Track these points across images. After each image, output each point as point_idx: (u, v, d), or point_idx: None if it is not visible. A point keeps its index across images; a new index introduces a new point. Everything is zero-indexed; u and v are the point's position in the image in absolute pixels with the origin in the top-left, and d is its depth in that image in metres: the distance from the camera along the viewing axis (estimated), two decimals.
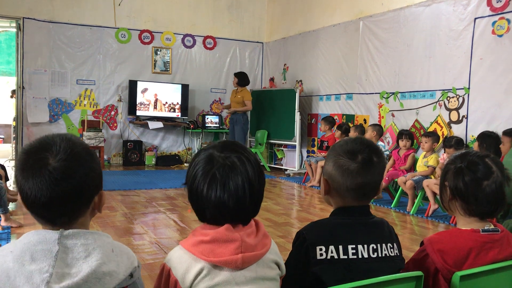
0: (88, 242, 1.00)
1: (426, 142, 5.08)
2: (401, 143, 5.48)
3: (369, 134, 5.98)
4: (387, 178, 5.35)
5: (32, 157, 1.01)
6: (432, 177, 4.98)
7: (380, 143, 5.93)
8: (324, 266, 1.27)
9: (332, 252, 1.28)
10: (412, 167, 5.40)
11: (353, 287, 1.20)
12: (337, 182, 1.38)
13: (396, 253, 1.38)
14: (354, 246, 1.31)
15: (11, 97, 11.47)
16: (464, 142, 5.03)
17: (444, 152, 4.93)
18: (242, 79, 7.76)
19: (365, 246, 1.32)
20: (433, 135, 5.15)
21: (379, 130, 5.99)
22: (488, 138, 4.40)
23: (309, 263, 1.28)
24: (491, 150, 4.23)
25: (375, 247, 1.33)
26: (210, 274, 1.12)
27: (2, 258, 0.96)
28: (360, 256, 1.30)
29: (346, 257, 1.29)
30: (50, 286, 0.92)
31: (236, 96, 7.79)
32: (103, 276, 0.98)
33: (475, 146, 4.50)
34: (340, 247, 1.29)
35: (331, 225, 1.37)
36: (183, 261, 1.14)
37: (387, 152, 5.81)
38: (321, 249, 1.28)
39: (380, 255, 1.33)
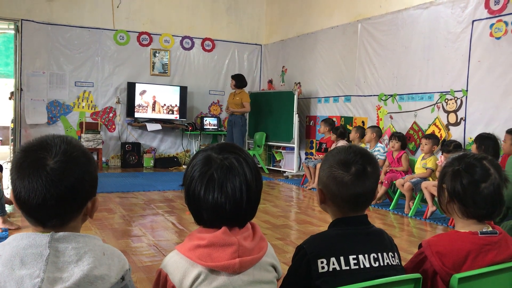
0: (79, 246, 0.99)
1: (426, 144, 5.08)
2: (390, 143, 5.51)
3: (369, 136, 5.98)
4: (386, 182, 5.34)
5: (30, 156, 1.00)
6: (431, 179, 4.98)
7: (379, 144, 5.93)
8: (326, 279, 1.25)
9: (334, 264, 1.27)
10: (410, 168, 5.41)
11: None
12: (332, 193, 1.38)
13: (397, 262, 1.37)
14: (355, 256, 1.29)
15: (10, 98, 11.46)
16: (462, 146, 5.03)
17: (442, 155, 4.92)
18: (239, 81, 7.81)
19: (366, 255, 1.31)
20: (434, 138, 5.15)
21: (378, 131, 5.99)
22: (486, 140, 4.40)
23: (310, 277, 1.27)
24: (490, 152, 4.23)
25: (376, 256, 1.32)
26: (208, 279, 1.11)
27: None
28: (362, 266, 1.29)
29: (348, 268, 1.28)
30: None
31: (234, 98, 7.81)
32: (95, 280, 0.96)
33: (473, 148, 4.49)
34: (342, 258, 1.28)
35: (330, 237, 1.35)
36: (180, 267, 1.13)
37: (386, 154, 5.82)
38: (322, 262, 1.27)
39: (382, 264, 1.32)
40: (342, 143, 6.40)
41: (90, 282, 0.95)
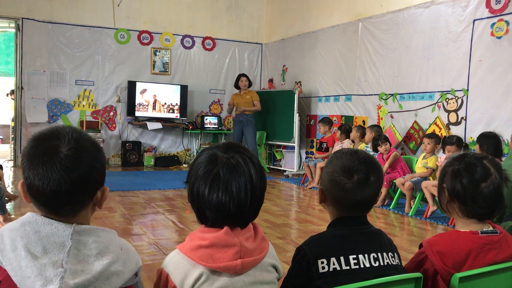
0: (99, 240, 1.02)
1: (428, 143, 5.08)
2: (381, 148, 5.46)
3: (368, 136, 5.98)
4: (385, 183, 5.34)
5: (43, 145, 1.02)
6: (431, 178, 4.98)
7: None
8: (327, 279, 1.25)
9: (334, 264, 1.27)
10: (400, 166, 5.39)
11: None
12: (332, 196, 1.39)
13: (397, 262, 1.37)
14: (355, 256, 1.30)
15: (7, 95, 11.45)
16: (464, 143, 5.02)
17: (444, 151, 4.90)
18: (250, 80, 7.85)
19: (366, 255, 1.31)
20: (436, 137, 5.14)
21: (377, 131, 5.95)
22: (487, 139, 4.40)
23: (310, 278, 1.27)
24: (491, 150, 4.24)
25: (376, 256, 1.32)
26: (209, 279, 1.11)
27: (13, 244, 0.96)
28: (362, 266, 1.29)
29: (348, 267, 1.28)
30: (65, 281, 0.93)
31: (244, 97, 7.73)
32: (111, 275, 1.00)
33: (476, 149, 4.48)
34: (342, 258, 1.28)
35: (330, 237, 1.36)
36: (181, 267, 1.13)
37: None
38: (322, 262, 1.27)
39: (382, 264, 1.32)
40: (347, 142, 6.40)
41: (106, 277, 0.99)
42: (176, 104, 8.56)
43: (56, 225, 1.00)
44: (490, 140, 4.33)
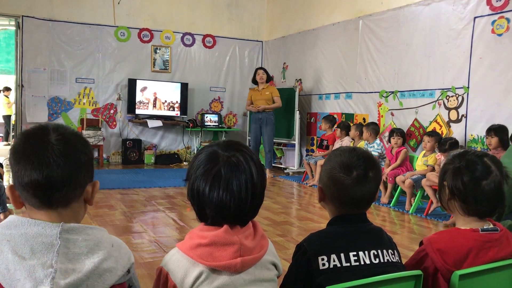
0: (89, 237, 1.01)
1: (428, 142, 5.07)
2: (393, 140, 5.47)
3: (365, 135, 5.98)
4: (390, 179, 5.34)
5: (32, 137, 1.02)
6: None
7: (377, 141, 5.93)
8: (328, 276, 1.26)
9: (334, 261, 1.27)
10: (406, 164, 5.39)
11: (353, 286, 1.20)
12: (332, 194, 1.39)
13: (397, 259, 1.38)
14: (355, 253, 1.30)
15: (0, 92, 11.44)
16: (460, 143, 5.02)
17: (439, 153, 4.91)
18: (268, 73, 7.44)
19: (366, 252, 1.31)
20: (436, 135, 5.14)
21: (373, 129, 5.92)
22: (505, 132, 4.48)
23: (311, 275, 1.27)
24: (506, 143, 4.36)
25: (376, 253, 1.33)
26: (209, 278, 1.11)
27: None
28: (362, 263, 1.30)
29: (348, 264, 1.28)
30: (56, 282, 0.91)
31: (263, 93, 7.32)
32: (104, 273, 0.98)
33: (494, 142, 4.47)
34: (342, 255, 1.29)
35: (330, 234, 1.36)
36: (181, 265, 1.13)
37: (379, 151, 5.82)
38: (323, 259, 1.27)
39: (382, 261, 1.33)
40: (347, 140, 6.40)
41: (99, 275, 0.98)
42: (177, 102, 8.56)
43: (43, 225, 0.98)
44: (506, 133, 4.45)
